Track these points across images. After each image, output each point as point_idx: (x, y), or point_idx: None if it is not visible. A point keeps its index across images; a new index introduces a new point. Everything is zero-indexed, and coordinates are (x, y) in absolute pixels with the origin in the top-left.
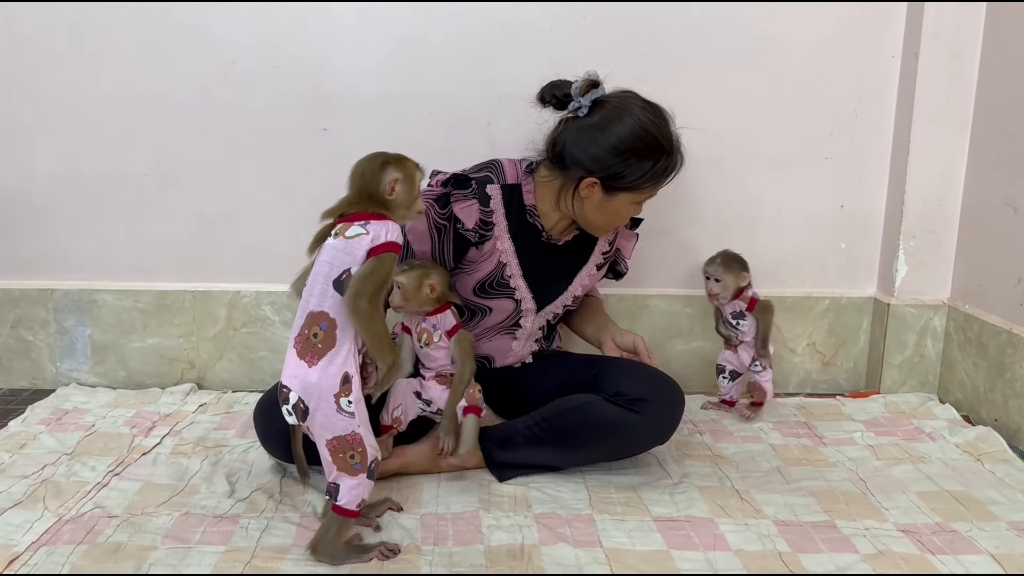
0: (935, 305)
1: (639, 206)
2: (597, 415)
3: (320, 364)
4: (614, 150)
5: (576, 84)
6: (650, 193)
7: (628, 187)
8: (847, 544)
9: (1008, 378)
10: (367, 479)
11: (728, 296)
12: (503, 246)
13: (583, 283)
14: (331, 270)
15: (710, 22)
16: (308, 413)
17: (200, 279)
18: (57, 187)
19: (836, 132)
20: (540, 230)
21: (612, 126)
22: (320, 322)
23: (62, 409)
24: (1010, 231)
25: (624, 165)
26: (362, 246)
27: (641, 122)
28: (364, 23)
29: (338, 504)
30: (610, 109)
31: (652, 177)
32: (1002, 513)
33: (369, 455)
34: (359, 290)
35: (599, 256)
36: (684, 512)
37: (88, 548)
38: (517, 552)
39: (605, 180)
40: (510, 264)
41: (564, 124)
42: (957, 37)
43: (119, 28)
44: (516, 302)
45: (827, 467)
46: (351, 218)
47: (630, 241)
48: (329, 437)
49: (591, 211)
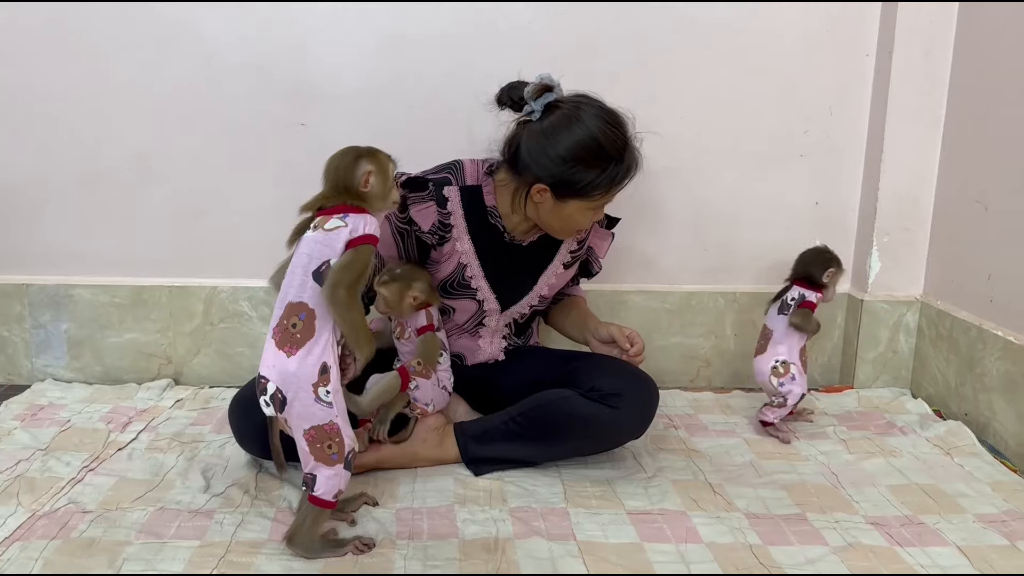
0: (908, 301)
1: (597, 211)
2: (573, 410)
3: (299, 354)
4: (560, 159)
5: (528, 88)
6: (603, 200)
7: (577, 194)
8: (817, 537)
9: (978, 373)
10: (344, 470)
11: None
12: (462, 247)
13: (549, 283)
14: (310, 262)
15: (688, 20)
16: (286, 403)
17: (177, 274)
18: (33, 181)
19: (812, 129)
20: (502, 231)
21: (560, 133)
22: (299, 312)
23: (37, 404)
24: (981, 228)
25: (571, 173)
26: (341, 238)
27: (590, 130)
28: (344, 18)
29: (314, 495)
30: (561, 115)
31: (600, 186)
32: (970, 506)
33: (346, 446)
34: (338, 280)
35: (566, 255)
36: (658, 505)
37: (62, 543)
38: (491, 545)
39: (554, 187)
40: (471, 265)
41: (519, 127)
42: (931, 36)
43: (98, 22)
44: (479, 303)
45: (800, 461)
46: (330, 211)
47: (605, 240)
48: (307, 427)
49: (546, 215)
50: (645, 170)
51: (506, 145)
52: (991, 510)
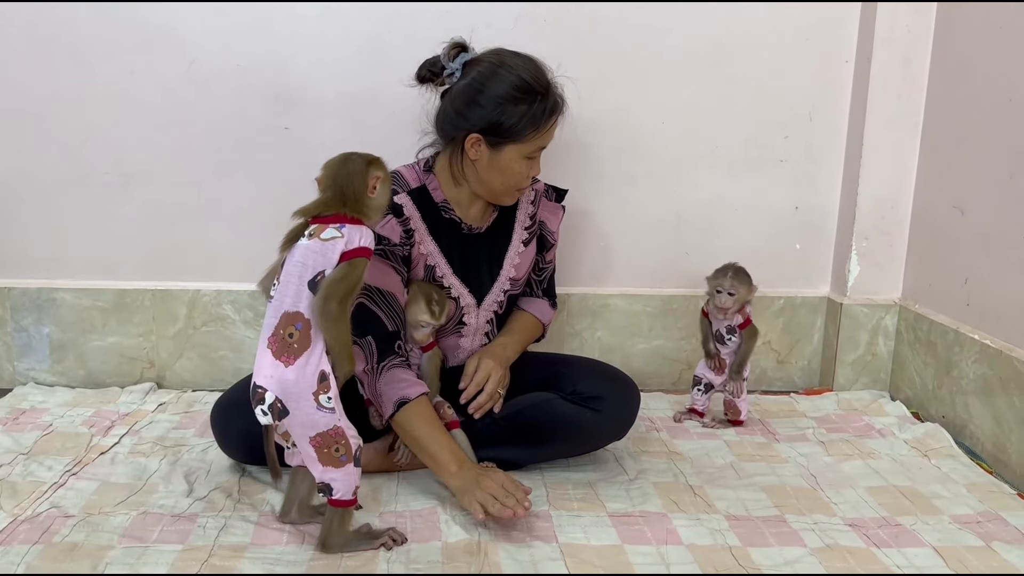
0: (887, 304)
1: (533, 163)
2: (555, 413)
3: (297, 364)
4: (489, 101)
5: (442, 51)
6: (536, 144)
7: (510, 136)
8: (796, 538)
9: (955, 376)
10: (354, 467)
11: (736, 310)
12: (427, 249)
13: (514, 263)
14: (304, 271)
15: (669, 26)
16: (286, 413)
17: (160, 278)
18: (15, 185)
19: (791, 135)
20: (459, 223)
21: (487, 82)
22: (296, 322)
23: (19, 408)
24: (958, 233)
25: (499, 112)
26: (336, 249)
27: (515, 71)
28: (327, 23)
29: (334, 498)
30: (483, 68)
31: (531, 121)
32: (945, 507)
33: (353, 445)
34: (330, 293)
35: (522, 232)
36: (639, 507)
37: (44, 548)
38: (474, 548)
39: (486, 132)
40: (438, 265)
41: (442, 97)
42: (909, 42)
43: (79, 25)
44: (454, 300)
45: (779, 463)
46: (325, 220)
47: (555, 214)
48: (312, 434)
49: (485, 174)
50: (627, 174)
51: (436, 120)
52: (967, 511)
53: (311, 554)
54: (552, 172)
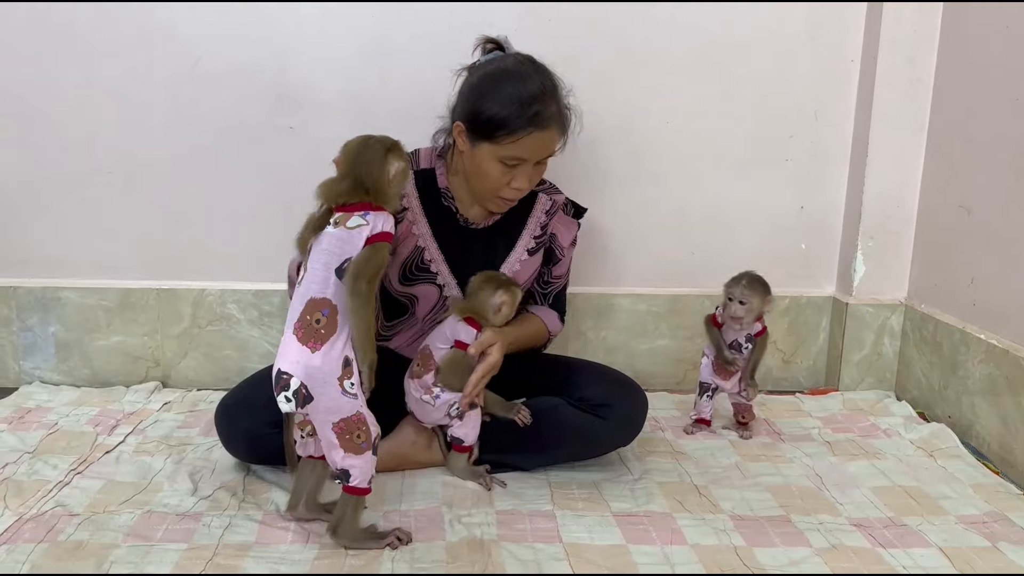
0: (892, 304)
1: (515, 171)
2: (562, 420)
3: (323, 349)
4: (474, 93)
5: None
6: (511, 151)
7: (483, 133)
8: (801, 538)
9: (961, 376)
10: (372, 455)
11: (751, 320)
12: (420, 230)
13: (514, 269)
14: (331, 258)
15: (673, 25)
16: (310, 399)
17: (165, 277)
18: (20, 185)
19: (797, 134)
20: (455, 212)
21: (483, 74)
22: (322, 308)
23: (25, 407)
24: (964, 232)
25: (479, 105)
26: (362, 236)
27: (506, 64)
28: (330, 22)
29: (350, 485)
30: (493, 63)
31: (503, 124)
32: (951, 507)
33: (372, 433)
34: (359, 272)
35: (530, 239)
36: (643, 507)
37: (49, 547)
38: (477, 547)
39: (466, 120)
40: (429, 248)
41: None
42: (915, 41)
43: (82, 25)
44: (439, 287)
45: (784, 463)
46: (350, 208)
47: (570, 229)
48: (336, 420)
49: (467, 169)
50: (631, 173)
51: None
52: (973, 511)
53: (315, 553)
54: (553, 172)
